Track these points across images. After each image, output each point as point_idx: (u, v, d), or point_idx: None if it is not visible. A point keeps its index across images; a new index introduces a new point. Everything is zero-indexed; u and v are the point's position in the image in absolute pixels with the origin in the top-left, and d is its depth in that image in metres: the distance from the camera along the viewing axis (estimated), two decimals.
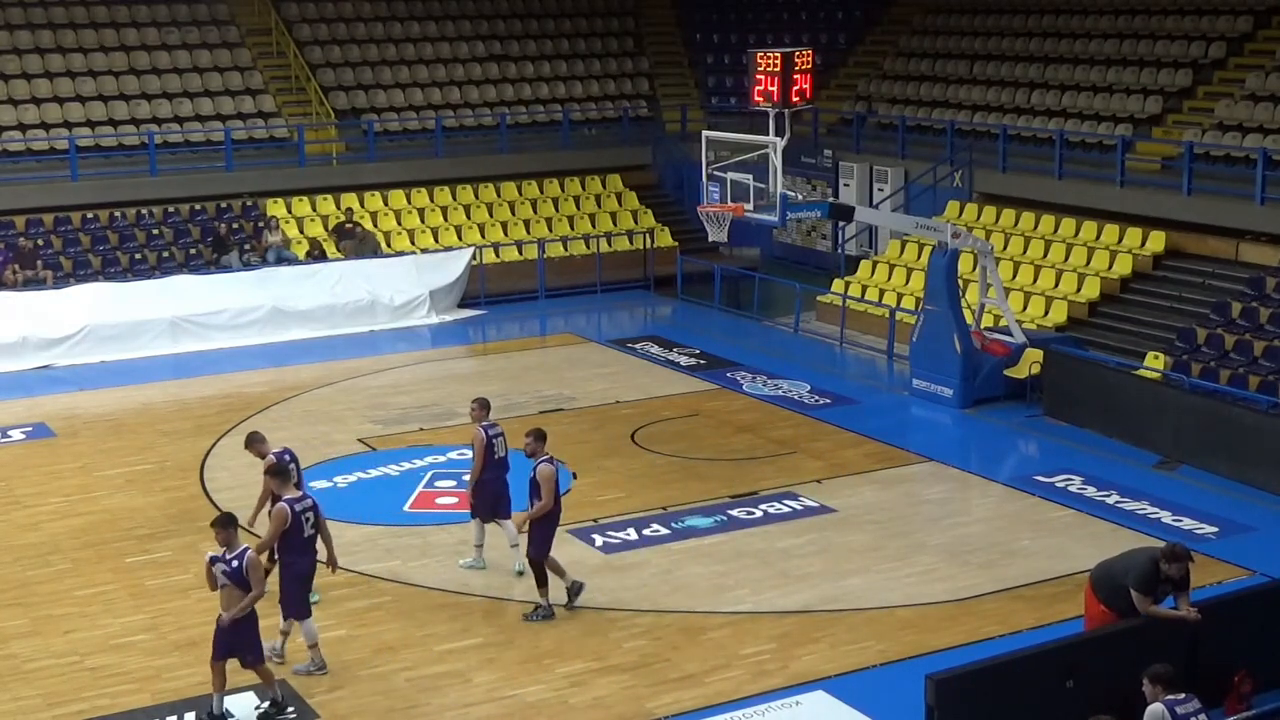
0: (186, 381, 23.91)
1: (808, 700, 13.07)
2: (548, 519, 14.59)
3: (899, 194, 29.68)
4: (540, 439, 14.64)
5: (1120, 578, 12.57)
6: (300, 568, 13.42)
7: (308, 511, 13.43)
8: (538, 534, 14.61)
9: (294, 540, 13.32)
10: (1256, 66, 27.07)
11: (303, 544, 13.39)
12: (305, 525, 13.39)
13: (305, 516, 13.33)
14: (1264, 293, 22.63)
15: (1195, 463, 19.17)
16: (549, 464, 14.49)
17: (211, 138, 30.62)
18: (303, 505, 13.42)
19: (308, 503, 13.52)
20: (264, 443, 15.09)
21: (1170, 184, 25.45)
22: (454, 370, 24.84)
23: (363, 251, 28.84)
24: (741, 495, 18.22)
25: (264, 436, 15.24)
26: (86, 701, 13.10)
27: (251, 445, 15.15)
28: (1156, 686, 10.63)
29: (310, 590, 13.67)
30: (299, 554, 13.37)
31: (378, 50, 34.32)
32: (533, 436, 14.65)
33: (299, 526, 13.22)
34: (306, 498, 13.54)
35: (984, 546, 16.64)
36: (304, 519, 13.31)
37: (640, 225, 31.95)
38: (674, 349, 25.51)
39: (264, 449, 14.97)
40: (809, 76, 20.35)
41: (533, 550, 14.65)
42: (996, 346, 22.34)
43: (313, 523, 13.47)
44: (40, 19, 31.99)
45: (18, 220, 27.99)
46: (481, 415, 15.65)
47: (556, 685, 13.39)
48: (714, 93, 36.37)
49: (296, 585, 13.44)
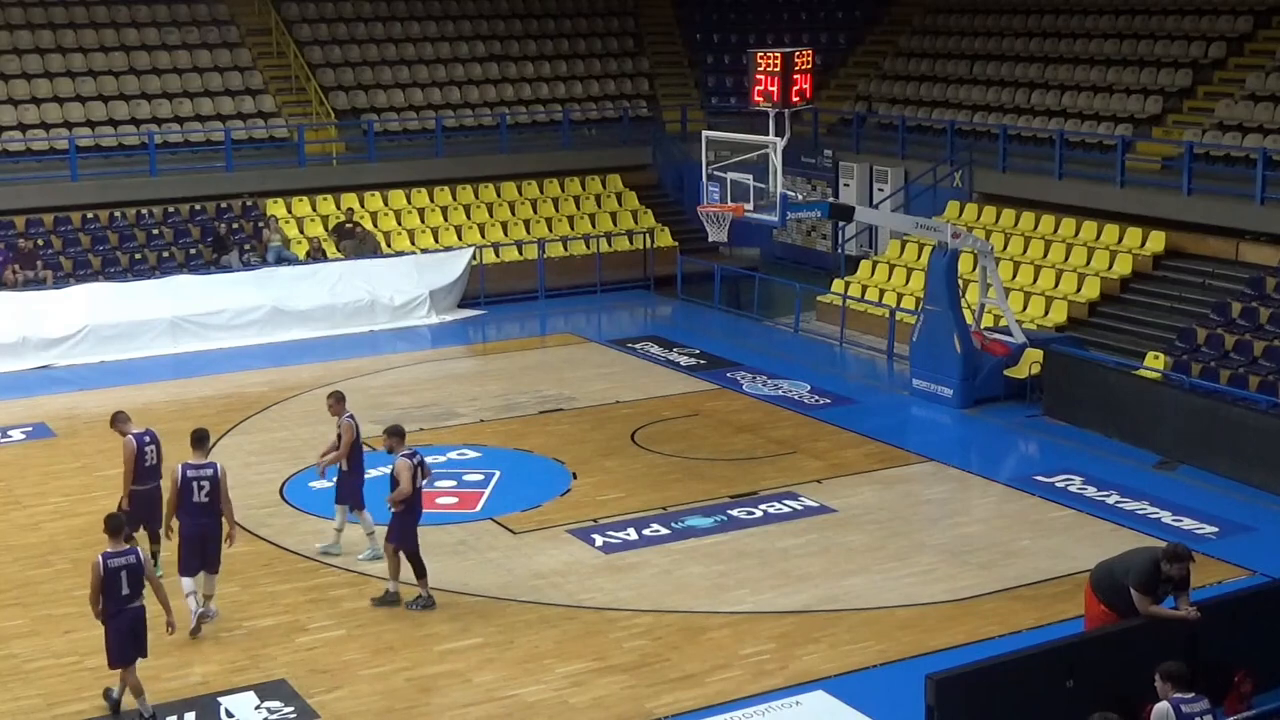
0: (186, 381, 23.91)
1: (808, 700, 13.07)
2: (409, 511, 14.81)
3: (899, 194, 29.68)
4: (397, 436, 15.01)
5: (1121, 577, 12.56)
6: (187, 529, 14.36)
7: (202, 480, 14.35)
8: (400, 525, 14.83)
9: (186, 503, 14.37)
10: (1256, 66, 27.07)
11: (194, 508, 14.35)
12: (197, 491, 14.28)
13: (198, 483, 14.07)
14: (1264, 293, 22.63)
15: (1195, 463, 19.17)
16: (406, 458, 14.81)
17: (211, 138, 30.62)
18: (197, 473, 14.35)
19: (206, 472, 14.41)
20: (128, 422, 15.57)
21: (1170, 184, 25.44)
22: (454, 370, 24.84)
23: (363, 251, 28.85)
24: (741, 495, 18.22)
25: (129, 417, 15.73)
26: (86, 701, 13.11)
27: (115, 424, 15.62)
28: (1167, 684, 10.60)
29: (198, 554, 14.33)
30: (188, 516, 14.39)
31: (378, 50, 34.33)
32: (390, 434, 15.02)
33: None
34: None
35: (984, 546, 16.64)
36: (195, 484, 14.03)
37: (640, 225, 31.95)
38: (674, 349, 25.51)
39: (126, 428, 15.45)
40: (809, 76, 20.34)
41: (395, 539, 14.89)
42: (996, 346, 22.34)
43: (207, 491, 14.34)
44: (40, 19, 32.00)
45: (18, 220, 27.99)
46: (340, 408, 16.04)
47: (556, 685, 13.39)
48: (714, 93, 36.37)
49: (184, 546, 14.42)
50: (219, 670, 13.69)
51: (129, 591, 12.46)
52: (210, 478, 14.35)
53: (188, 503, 14.28)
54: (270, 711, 12.95)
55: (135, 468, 15.18)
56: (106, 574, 12.35)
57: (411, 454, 14.90)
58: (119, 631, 12.54)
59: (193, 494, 14.27)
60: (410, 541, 14.87)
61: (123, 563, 12.41)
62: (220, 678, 13.55)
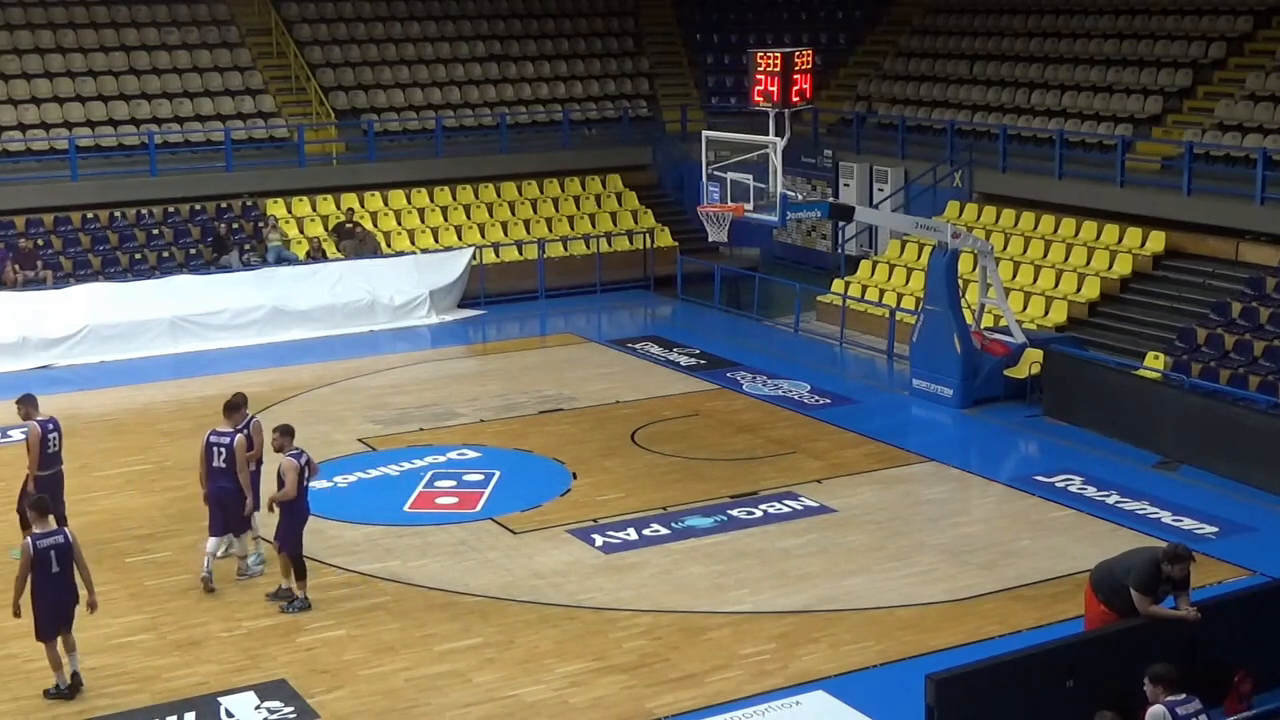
0: (186, 381, 23.90)
1: (808, 700, 13.07)
2: (295, 512, 14.81)
3: (899, 194, 29.68)
4: (288, 434, 15.01)
5: (1121, 577, 12.56)
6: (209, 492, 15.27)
7: (221, 446, 15.10)
8: (285, 527, 14.84)
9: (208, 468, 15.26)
10: (1256, 66, 27.07)
11: (213, 472, 15.13)
12: (215, 456, 15.05)
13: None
14: (1264, 293, 22.63)
15: (1195, 463, 19.16)
16: (293, 458, 14.84)
17: (211, 138, 30.62)
18: (219, 439, 15.12)
19: (225, 440, 15.12)
20: (35, 408, 15.67)
21: (1170, 184, 25.44)
22: (454, 370, 24.84)
23: (363, 251, 28.84)
24: (741, 495, 18.22)
25: (37, 402, 15.81)
26: (86, 701, 13.11)
27: (22, 406, 15.75)
28: (1157, 687, 10.63)
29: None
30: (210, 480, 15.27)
31: (378, 50, 34.32)
32: (279, 432, 15.01)
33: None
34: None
35: (984, 546, 16.64)
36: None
37: (640, 225, 31.95)
38: (674, 349, 25.51)
39: (31, 411, 15.60)
40: (809, 76, 20.35)
41: (280, 540, 14.90)
42: (996, 346, 22.34)
43: (224, 457, 15.05)
44: (40, 19, 31.99)
45: (18, 220, 27.98)
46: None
47: (556, 685, 13.38)
48: (714, 93, 36.36)
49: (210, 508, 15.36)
50: (219, 670, 13.69)
51: (59, 570, 12.96)
52: (227, 445, 15.18)
53: (209, 467, 15.29)
54: (270, 711, 12.95)
55: (40, 454, 15.45)
56: (37, 554, 12.84)
57: (298, 453, 14.94)
58: (46, 607, 13.02)
59: (212, 459, 15.25)
60: (295, 544, 14.89)
61: (51, 543, 12.93)
62: (220, 678, 13.54)
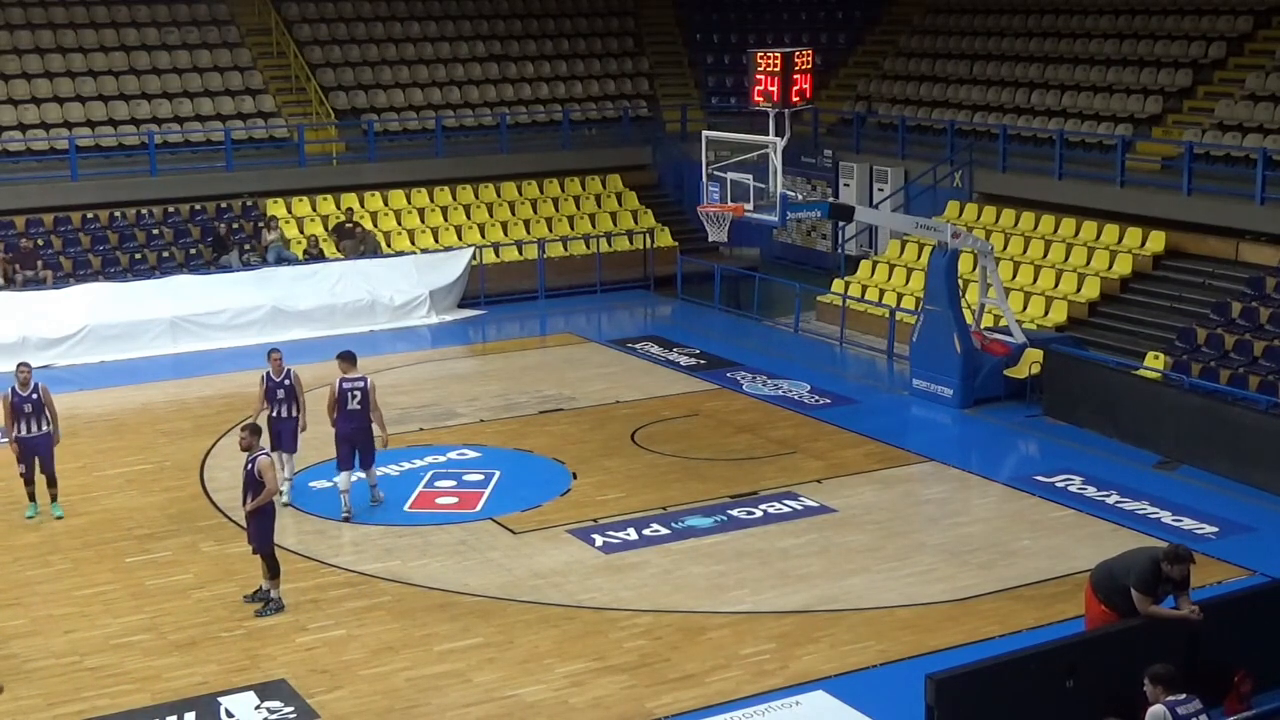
0: (186, 381, 23.90)
1: (808, 700, 13.07)
2: (264, 514, 14.82)
3: (899, 194, 29.68)
4: (257, 434, 14.98)
5: (1121, 578, 12.56)
6: (342, 430, 17.14)
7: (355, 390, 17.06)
8: (258, 527, 14.82)
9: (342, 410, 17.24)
10: (1256, 66, 27.07)
11: (348, 414, 17.12)
12: (350, 399, 17.06)
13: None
14: (1264, 293, 22.63)
15: (1195, 463, 19.16)
16: (268, 455, 14.89)
17: (211, 138, 30.62)
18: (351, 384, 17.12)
19: (359, 384, 17.13)
20: None
21: (1170, 184, 25.44)
22: (454, 370, 24.84)
23: (362, 251, 28.84)
24: (741, 495, 18.22)
25: None
26: (86, 701, 13.11)
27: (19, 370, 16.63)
28: (1157, 687, 10.62)
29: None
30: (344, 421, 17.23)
31: (378, 50, 34.32)
32: (248, 431, 14.97)
33: (344, 399, 16.99)
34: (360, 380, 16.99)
35: (984, 546, 16.64)
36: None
37: (640, 225, 31.95)
38: (674, 349, 25.51)
39: None
40: (809, 76, 20.35)
41: (257, 543, 14.85)
42: (996, 346, 22.34)
43: (359, 399, 17.07)
44: (40, 19, 32.00)
45: (18, 220, 28.00)
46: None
47: (556, 685, 13.38)
48: (714, 93, 36.36)
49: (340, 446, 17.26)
50: (219, 670, 13.69)
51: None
52: (361, 388, 17.13)
53: (343, 409, 17.08)
54: (270, 711, 12.95)
55: None
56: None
57: (268, 450, 15.01)
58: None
59: (346, 402, 17.09)
60: (267, 543, 14.86)
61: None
62: (220, 678, 13.54)
